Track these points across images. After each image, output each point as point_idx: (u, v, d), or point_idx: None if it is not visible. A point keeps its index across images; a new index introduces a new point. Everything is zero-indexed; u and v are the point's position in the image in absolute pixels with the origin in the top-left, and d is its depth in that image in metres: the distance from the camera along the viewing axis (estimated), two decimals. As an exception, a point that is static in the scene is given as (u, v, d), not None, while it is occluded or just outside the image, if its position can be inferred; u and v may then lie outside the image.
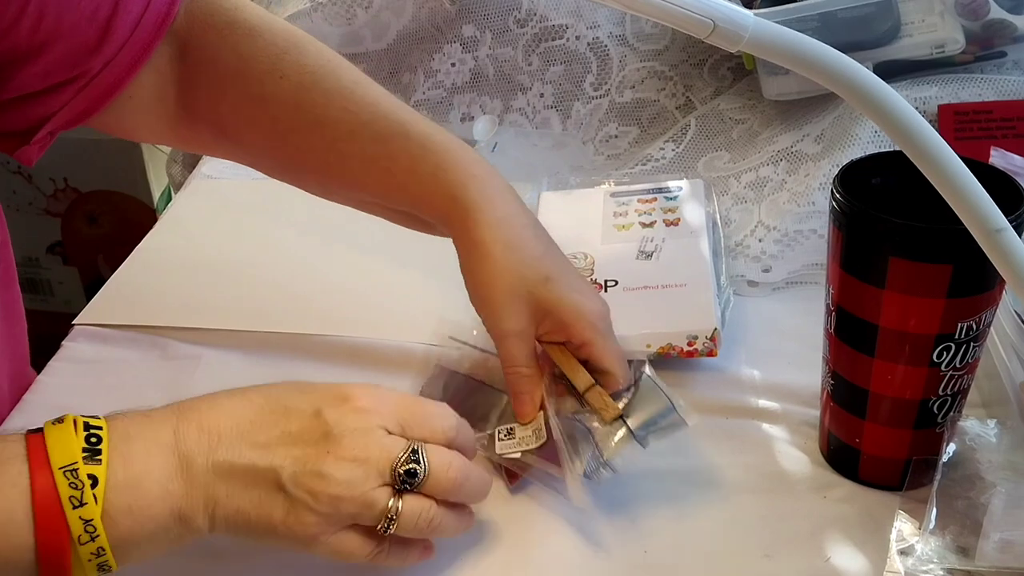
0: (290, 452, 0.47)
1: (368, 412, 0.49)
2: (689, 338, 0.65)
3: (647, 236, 0.75)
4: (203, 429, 0.48)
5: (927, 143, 0.41)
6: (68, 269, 1.76)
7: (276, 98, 0.64)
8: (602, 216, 0.79)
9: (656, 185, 0.82)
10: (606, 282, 0.71)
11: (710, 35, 0.41)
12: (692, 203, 0.78)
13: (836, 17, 0.80)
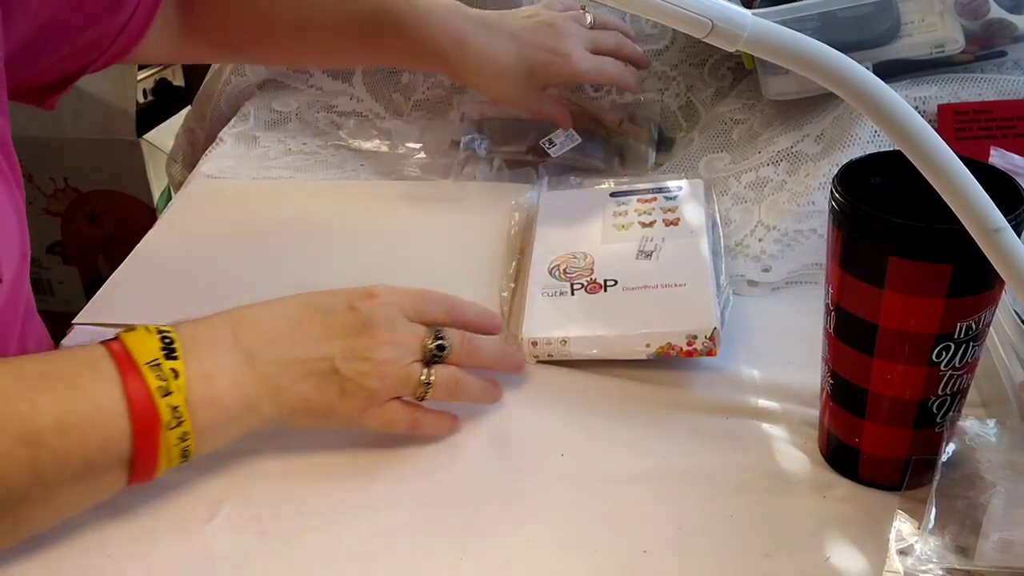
0: (337, 343, 0.57)
1: (392, 304, 0.59)
2: (688, 338, 0.65)
3: (647, 236, 0.75)
4: (258, 330, 0.56)
5: (925, 143, 0.41)
6: (68, 269, 1.76)
7: (272, 8, 0.83)
8: (602, 216, 0.79)
9: (656, 185, 0.82)
10: (606, 282, 0.71)
11: (708, 35, 0.41)
12: (692, 203, 0.78)
13: (835, 17, 0.80)
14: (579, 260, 0.73)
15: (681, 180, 0.82)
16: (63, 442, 0.48)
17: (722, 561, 0.53)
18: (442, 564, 0.54)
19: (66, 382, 0.50)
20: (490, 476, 0.60)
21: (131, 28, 0.74)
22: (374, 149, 0.98)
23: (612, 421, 0.63)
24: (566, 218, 0.80)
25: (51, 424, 0.48)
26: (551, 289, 0.71)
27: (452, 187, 0.91)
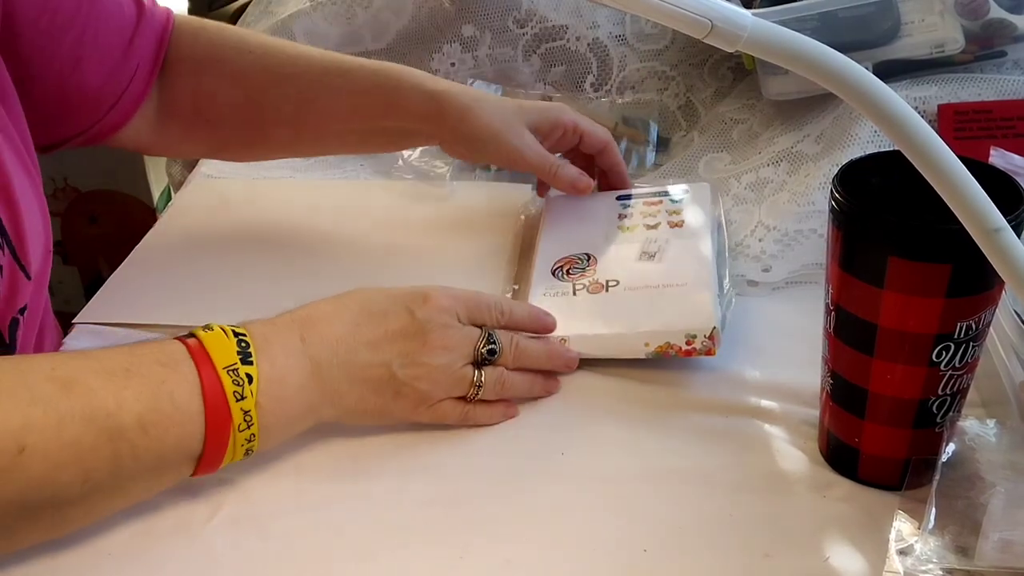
0: (394, 347, 0.59)
1: (446, 309, 0.60)
2: (687, 337, 0.65)
3: (651, 237, 0.74)
4: (323, 336, 0.58)
5: (925, 143, 0.41)
6: (68, 268, 1.76)
7: (246, 69, 0.77)
8: (606, 218, 0.78)
9: (662, 188, 0.81)
10: (607, 282, 0.70)
11: (708, 35, 0.41)
12: (696, 206, 0.78)
13: (835, 17, 0.80)
14: (582, 261, 0.73)
15: (687, 184, 0.82)
16: (143, 438, 0.50)
17: (722, 561, 0.53)
18: (442, 563, 0.54)
19: (150, 380, 0.51)
20: (490, 476, 0.60)
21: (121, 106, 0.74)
22: (374, 149, 0.98)
23: (612, 421, 0.63)
24: (571, 220, 0.79)
25: (134, 421, 0.50)
26: (553, 290, 0.71)
27: (452, 187, 0.91)
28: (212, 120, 0.79)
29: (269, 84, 0.77)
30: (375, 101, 0.76)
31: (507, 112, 0.76)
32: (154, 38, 0.75)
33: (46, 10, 0.67)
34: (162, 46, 0.75)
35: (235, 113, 0.78)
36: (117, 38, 0.72)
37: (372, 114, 0.77)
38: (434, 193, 0.91)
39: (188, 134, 0.80)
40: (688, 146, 0.93)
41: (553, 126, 0.78)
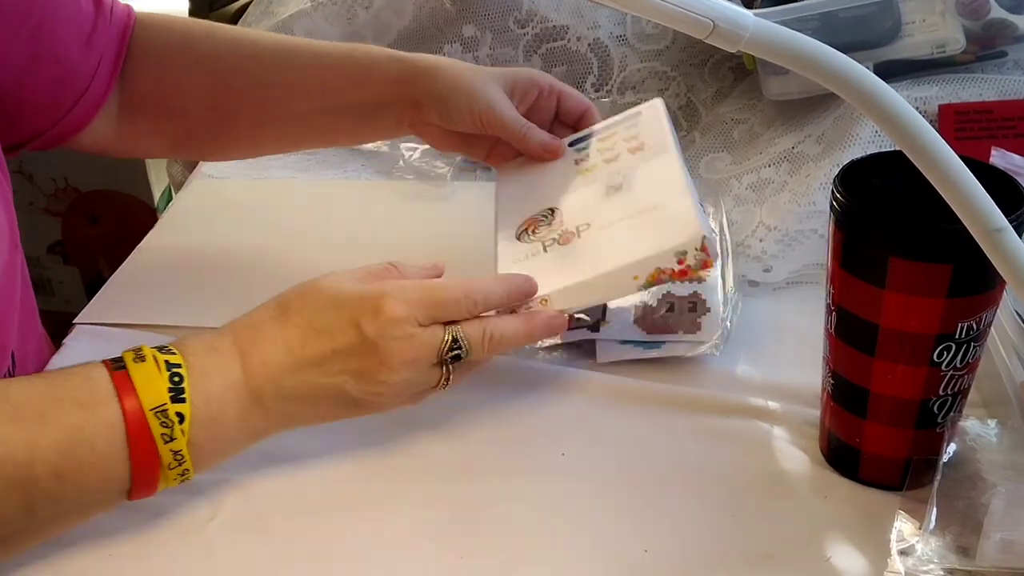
0: (346, 366, 0.54)
1: (401, 320, 0.54)
2: (678, 255, 0.58)
3: (613, 171, 0.68)
4: (265, 363, 0.54)
5: (927, 143, 0.41)
6: (69, 269, 1.76)
7: (214, 51, 0.75)
8: (562, 170, 0.72)
9: (610, 121, 0.75)
10: (578, 228, 0.64)
11: (710, 35, 0.41)
12: (652, 123, 0.71)
13: (836, 17, 0.80)
14: (547, 217, 0.67)
15: (639, 105, 0.75)
16: (59, 485, 0.48)
17: (722, 561, 0.53)
18: (442, 563, 0.54)
19: (67, 427, 0.48)
20: (491, 476, 0.60)
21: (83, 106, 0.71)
22: (375, 149, 0.98)
23: (612, 421, 0.63)
24: (526, 182, 0.73)
25: (49, 471, 0.48)
26: (522, 254, 0.64)
27: (452, 187, 0.91)
28: (177, 110, 0.76)
29: (237, 65, 0.75)
30: (344, 73, 0.74)
31: (479, 72, 0.73)
32: (115, 36, 0.72)
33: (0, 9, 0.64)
34: (123, 44, 0.73)
35: (201, 99, 0.75)
36: (75, 37, 0.69)
37: (341, 86, 0.74)
38: (434, 193, 0.91)
39: (153, 128, 0.77)
40: (689, 146, 0.93)
41: (529, 85, 0.74)
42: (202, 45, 0.75)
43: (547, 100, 0.75)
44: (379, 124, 0.76)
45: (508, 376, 0.67)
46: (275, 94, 0.75)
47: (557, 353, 0.70)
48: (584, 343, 0.69)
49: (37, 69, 0.68)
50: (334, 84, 0.74)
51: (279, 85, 0.75)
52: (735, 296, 0.71)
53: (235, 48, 0.75)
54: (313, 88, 0.74)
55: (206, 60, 0.75)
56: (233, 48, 0.75)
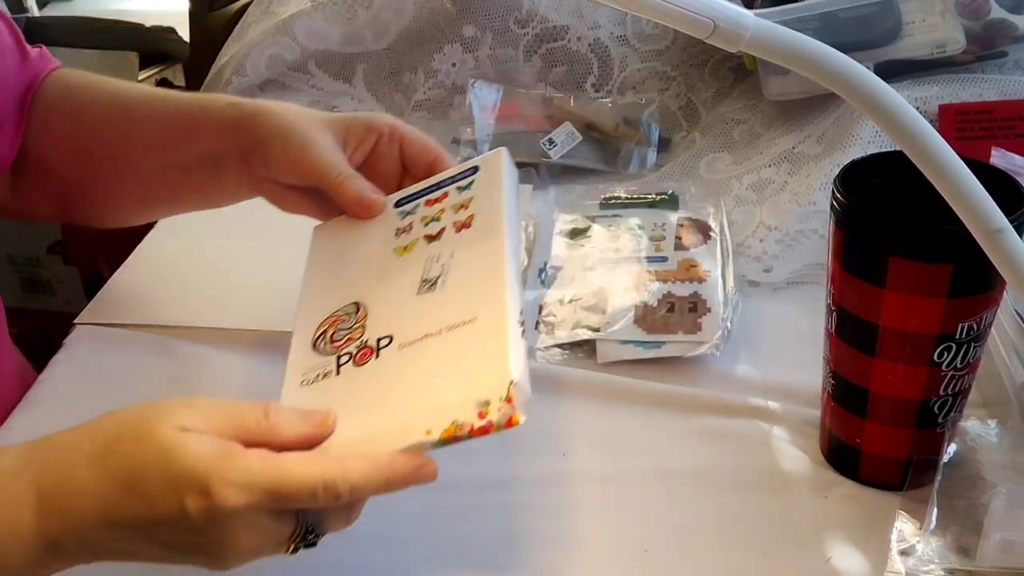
0: (169, 537, 0.46)
1: (234, 511, 0.45)
2: (479, 406, 0.46)
3: (432, 255, 0.57)
4: (66, 516, 0.45)
5: (927, 143, 0.41)
6: (68, 269, 1.76)
7: (86, 105, 0.71)
8: (380, 240, 0.61)
9: (445, 176, 0.63)
10: (379, 342, 0.53)
11: (710, 35, 0.41)
12: (489, 187, 0.60)
13: (837, 17, 0.80)
14: (350, 316, 0.56)
15: (481, 156, 0.64)
16: None
17: (723, 561, 0.53)
18: (443, 563, 0.54)
19: None
20: (491, 476, 0.60)
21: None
22: (375, 149, 0.98)
23: (612, 421, 0.63)
24: (339, 255, 0.62)
25: None
26: (313, 373, 0.54)
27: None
28: (52, 168, 0.71)
29: (100, 117, 0.70)
30: (185, 122, 0.68)
31: (307, 116, 0.65)
32: (20, 94, 0.68)
33: None
34: (27, 103, 0.69)
35: (71, 154, 0.70)
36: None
37: (181, 136, 0.68)
38: (435, 193, 0.90)
39: (36, 191, 0.72)
40: (689, 146, 0.93)
41: (365, 131, 0.64)
42: (76, 98, 0.71)
43: (388, 147, 0.65)
44: (223, 182, 0.68)
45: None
46: (130, 148, 0.70)
47: (557, 353, 0.69)
48: (584, 343, 0.69)
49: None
50: (176, 134, 0.68)
51: (133, 138, 0.69)
52: (735, 296, 0.71)
53: (102, 99, 0.71)
54: (158, 140, 0.68)
55: (79, 113, 0.71)
56: (100, 99, 0.71)
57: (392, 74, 1.03)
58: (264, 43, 1.01)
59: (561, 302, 0.73)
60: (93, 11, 1.90)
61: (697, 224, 0.79)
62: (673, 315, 0.69)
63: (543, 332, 0.71)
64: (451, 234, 0.57)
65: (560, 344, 0.70)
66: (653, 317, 0.69)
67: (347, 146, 0.64)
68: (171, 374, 0.69)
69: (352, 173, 0.63)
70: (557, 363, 0.69)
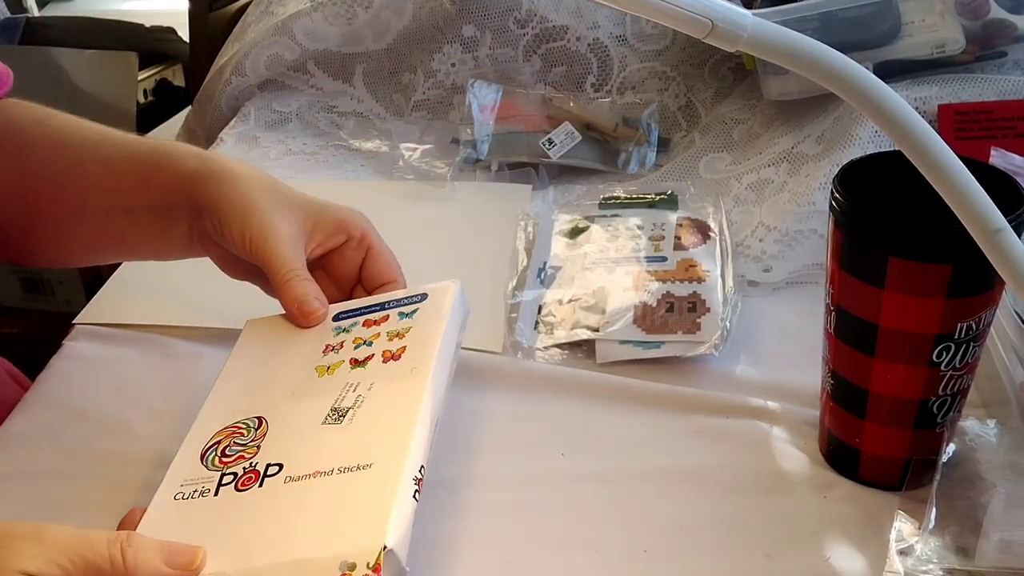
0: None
1: None
2: (344, 568, 0.44)
3: (351, 382, 0.54)
4: None
5: (926, 143, 0.41)
6: (68, 269, 1.76)
7: (32, 140, 0.66)
8: (308, 354, 0.58)
9: (391, 297, 0.61)
10: (267, 467, 0.50)
11: (708, 35, 0.41)
12: (430, 320, 0.58)
13: (836, 17, 0.80)
14: (250, 431, 0.54)
15: (433, 286, 0.61)
16: None
17: (722, 561, 0.53)
18: (443, 563, 0.54)
19: None
20: (490, 476, 0.60)
21: None
22: (374, 149, 0.98)
23: (612, 421, 0.63)
24: (262, 358, 0.59)
25: None
26: (190, 488, 0.50)
27: (452, 187, 0.91)
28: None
29: (46, 152, 0.66)
30: (140, 168, 0.64)
31: (276, 191, 0.61)
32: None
33: None
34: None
35: (10, 190, 0.66)
36: None
37: (136, 184, 0.64)
38: (434, 193, 0.91)
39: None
40: (689, 147, 0.93)
41: (335, 228, 0.62)
42: (25, 132, 0.67)
43: (353, 252, 0.63)
44: (173, 236, 0.64)
45: (508, 376, 0.67)
46: (78, 190, 0.65)
47: (556, 353, 0.70)
48: (583, 343, 0.70)
49: None
50: (131, 179, 0.64)
51: (82, 180, 0.65)
52: (735, 296, 0.71)
53: (57, 136, 0.66)
54: (110, 183, 0.64)
55: (23, 148, 0.66)
56: (48, 133, 0.66)
57: (392, 74, 1.04)
58: (264, 43, 1.01)
59: (560, 302, 0.73)
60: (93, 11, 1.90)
61: (696, 224, 0.79)
62: (672, 315, 0.69)
63: (542, 332, 0.71)
64: (377, 363, 0.55)
65: (559, 344, 0.70)
66: (652, 317, 0.69)
67: (312, 238, 0.61)
68: (171, 373, 0.69)
69: (303, 275, 0.60)
70: (556, 363, 0.69)
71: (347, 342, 0.58)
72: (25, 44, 1.65)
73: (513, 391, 0.66)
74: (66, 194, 0.65)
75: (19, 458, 0.62)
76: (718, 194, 0.82)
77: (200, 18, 1.42)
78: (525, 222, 0.83)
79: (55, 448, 0.62)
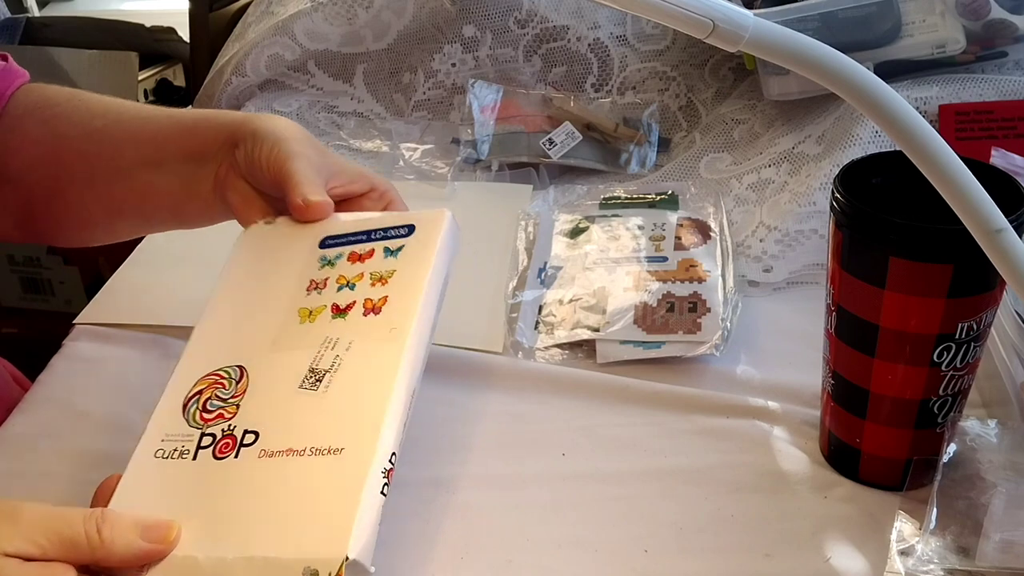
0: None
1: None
2: (307, 574, 0.42)
3: (331, 337, 0.51)
4: None
5: (927, 143, 0.41)
6: (69, 269, 1.76)
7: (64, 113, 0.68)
8: (294, 286, 0.55)
9: (381, 224, 0.57)
10: (244, 434, 0.48)
11: (710, 35, 0.41)
12: (418, 262, 0.54)
13: (837, 17, 0.80)
14: (230, 383, 0.51)
15: (423, 213, 0.57)
16: None
17: (722, 561, 0.53)
18: (443, 564, 0.54)
19: None
20: (491, 476, 0.60)
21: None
22: (375, 149, 0.98)
23: (612, 421, 0.63)
24: (250, 286, 0.57)
25: None
26: (170, 445, 0.49)
27: (453, 187, 0.91)
28: (16, 175, 0.68)
29: (81, 116, 0.67)
30: (185, 120, 0.66)
31: (315, 142, 0.63)
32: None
33: None
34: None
35: (39, 158, 0.67)
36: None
37: (173, 133, 0.66)
38: (434, 193, 0.91)
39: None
40: (689, 147, 0.93)
41: (360, 175, 0.64)
42: (62, 104, 0.68)
43: (374, 203, 0.64)
44: (198, 188, 0.65)
45: (508, 376, 0.67)
46: (105, 147, 0.67)
47: (557, 353, 0.70)
48: (584, 343, 0.70)
49: None
50: (166, 131, 0.66)
51: (112, 136, 0.67)
52: (735, 296, 0.71)
53: (86, 107, 0.68)
54: (146, 134, 0.66)
55: (58, 118, 0.68)
56: (83, 107, 0.68)
57: (392, 74, 1.04)
58: (264, 43, 1.01)
59: (561, 302, 0.73)
60: (93, 11, 1.90)
61: (697, 224, 0.79)
62: (673, 315, 0.69)
63: (543, 332, 0.71)
64: (358, 316, 0.52)
65: (560, 344, 0.70)
66: (653, 317, 0.69)
67: (336, 177, 0.62)
68: (171, 373, 0.69)
69: (315, 180, 0.60)
70: (557, 363, 0.69)
71: (331, 280, 0.54)
72: (25, 44, 1.65)
73: (513, 391, 0.66)
74: (101, 150, 0.67)
75: (19, 458, 0.62)
76: (719, 194, 0.82)
77: (200, 18, 1.42)
78: (525, 222, 0.83)
79: (55, 448, 0.62)
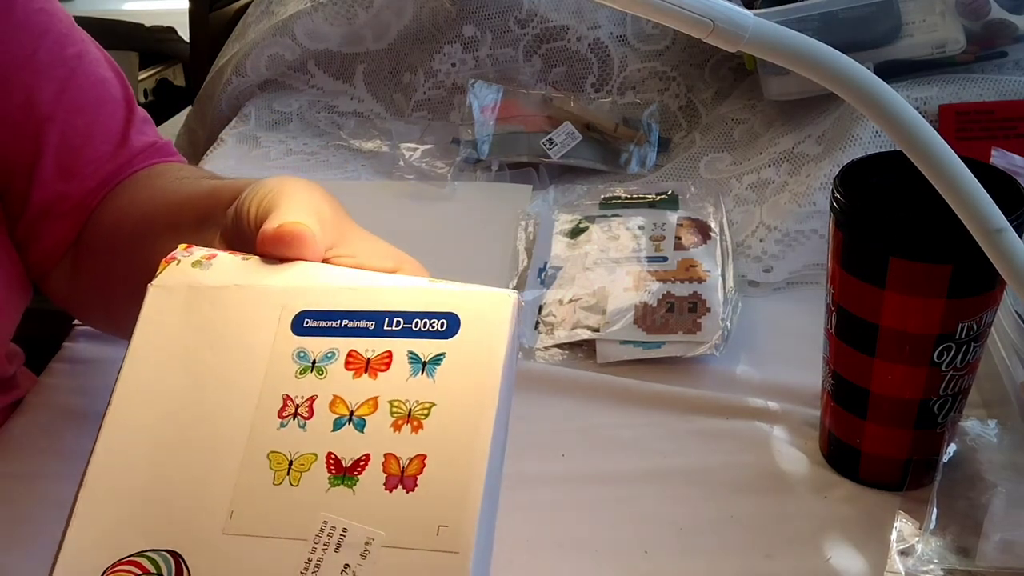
0: None
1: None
2: None
3: (330, 526, 0.34)
4: None
5: (927, 143, 0.41)
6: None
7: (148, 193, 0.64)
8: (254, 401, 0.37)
9: (403, 305, 0.39)
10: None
11: (710, 35, 0.41)
12: (477, 380, 0.39)
13: (837, 17, 0.80)
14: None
15: (472, 292, 0.39)
16: None
17: (722, 561, 0.53)
18: (443, 564, 0.54)
19: None
20: (491, 476, 0.60)
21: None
22: (375, 149, 0.98)
23: (612, 421, 0.63)
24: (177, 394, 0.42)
25: None
26: None
27: (453, 187, 0.91)
28: (95, 248, 0.64)
29: (150, 199, 0.63)
30: (208, 185, 0.59)
31: (334, 201, 0.52)
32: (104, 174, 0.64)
33: None
34: (107, 185, 0.64)
35: (115, 234, 0.63)
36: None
37: (193, 198, 0.58)
38: (434, 193, 0.91)
39: (77, 269, 0.66)
40: (689, 147, 0.93)
41: (387, 254, 0.51)
42: (150, 185, 0.64)
43: None
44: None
45: (508, 376, 0.67)
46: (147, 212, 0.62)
47: (557, 353, 0.69)
48: (584, 343, 0.69)
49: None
50: (191, 194, 0.59)
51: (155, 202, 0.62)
52: (735, 296, 0.71)
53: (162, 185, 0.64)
54: (175, 200, 0.60)
55: (137, 202, 0.63)
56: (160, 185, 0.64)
57: (392, 74, 1.04)
58: (264, 43, 1.01)
59: (561, 302, 0.73)
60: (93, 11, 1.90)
61: (697, 224, 0.79)
62: (673, 315, 0.69)
63: (543, 332, 0.71)
64: (376, 487, 0.33)
65: (560, 344, 0.70)
66: (653, 317, 0.69)
67: (344, 244, 0.50)
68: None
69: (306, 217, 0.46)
70: (557, 363, 0.69)
71: (319, 401, 0.35)
72: (25, 44, 1.65)
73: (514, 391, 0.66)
74: (142, 213, 0.62)
75: (19, 458, 0.62)
76: (719, 194, 0.82)
77: (200, 18, 1.42)
78: (525, 222, 0.83)
79: (55, 448, 0.62)
